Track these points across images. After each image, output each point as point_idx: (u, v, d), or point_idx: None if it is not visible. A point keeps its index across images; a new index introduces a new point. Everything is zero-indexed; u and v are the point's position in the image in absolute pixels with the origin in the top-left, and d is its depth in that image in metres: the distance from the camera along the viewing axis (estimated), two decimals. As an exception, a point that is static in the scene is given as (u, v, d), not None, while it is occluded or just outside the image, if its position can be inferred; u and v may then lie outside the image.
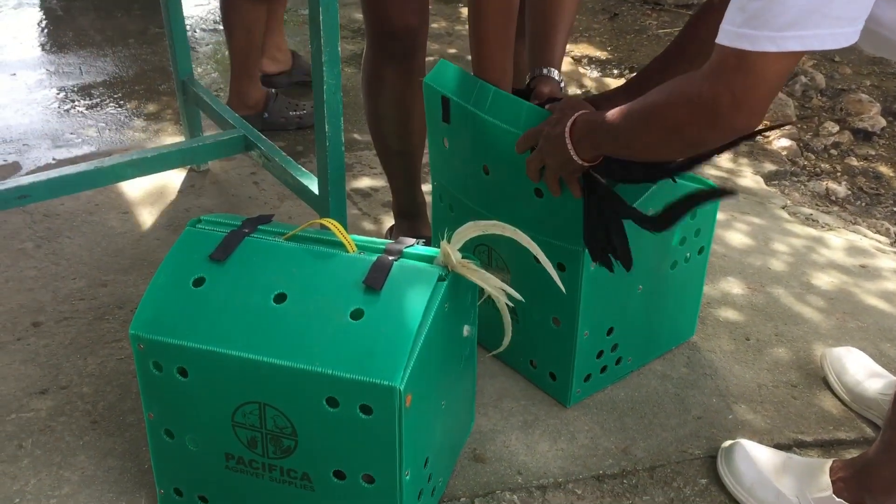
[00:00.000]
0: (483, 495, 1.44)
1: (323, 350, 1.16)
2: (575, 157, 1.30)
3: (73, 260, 2.02)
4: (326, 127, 1.67)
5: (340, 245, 1.29)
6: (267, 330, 1.19)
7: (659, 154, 1.30)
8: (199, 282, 1.24)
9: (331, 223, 1.29)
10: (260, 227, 1.34)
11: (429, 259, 1.28)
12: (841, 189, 2.83)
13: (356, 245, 1.29)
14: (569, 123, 1.30)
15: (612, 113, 1.23)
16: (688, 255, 1.65)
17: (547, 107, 1.42)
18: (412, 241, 1.33)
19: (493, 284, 1.28)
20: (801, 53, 0.95)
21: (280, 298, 1.21)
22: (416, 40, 1.77)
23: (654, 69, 1.53)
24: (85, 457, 1.48)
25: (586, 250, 1.43)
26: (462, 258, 1.26)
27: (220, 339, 1.19)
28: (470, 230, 1.28)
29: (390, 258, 1.25)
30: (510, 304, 1.30)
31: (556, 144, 1.32)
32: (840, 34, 0.93)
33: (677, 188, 1.53)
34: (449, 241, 1.26)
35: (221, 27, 2.79)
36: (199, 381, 1.22)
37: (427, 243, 1.49)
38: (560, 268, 1.48)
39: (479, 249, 1.63)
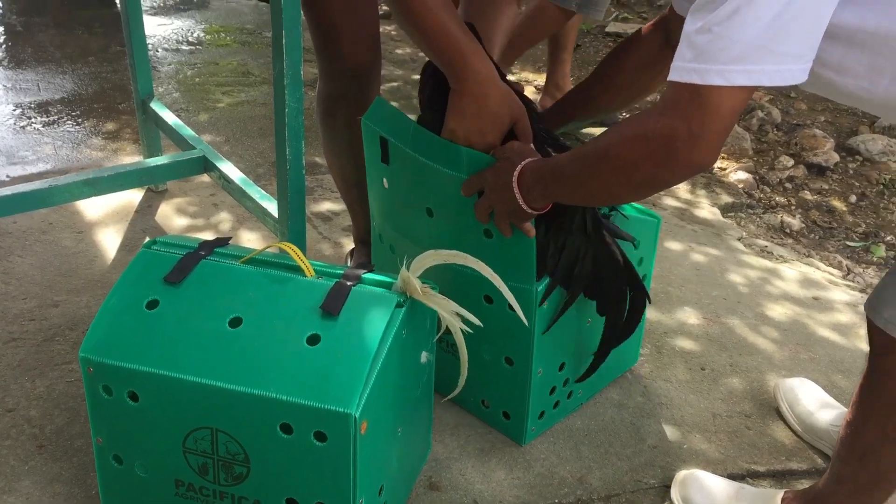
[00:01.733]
0: (438, 524, 1.43)
1: (278, 375, 1.15)
2: (524, 207, 1.28)
3: (24, 280, 1.98)
4: (287, 150, 1.66)
5: (298, 269, 1.28)
6: (221, 354, 1.17)
7: (614, 198, 1.29)
8: (152, 304, 1.22)
9: (289, 247, 1.28)
10: (217, 249, 1.32)
11: (387, 285, 1.27)
12: (795, 222, 2.88)
13: (314, 270, 1.28)
14: (516, 173, 1.27)
15: (562, 158, 1.21)
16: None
17: (492, 152, 1.37)
18: (371, 266, 1.32)
19: (450, 310, 1.28)
20: (752, 88, 0.97)
21: (235, 322, 1.20)
22: (369, 76, 1.76)
23: (569, 103, 1.56)
24: (30, 482, 1.44)
25: (539, 289, 1.43)
26: (422, 284, 1.26)
27: (172, 364, 1.17)
28: (430, 259, 1.27)
29: (348, 283, 1.25)
30: (469, 330, 1.29)
31: (503, 194, 1.30)
32: (787, 71, 0.95)
33: (623, 220, 1.55)
34: (408, 269, 1.25)
35: (184, 46, 2.78)
36: (149, 406, 1.19)
37: None
38: (511, 308, 1.47)
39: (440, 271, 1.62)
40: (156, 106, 2.26)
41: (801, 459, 1.65)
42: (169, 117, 2.23)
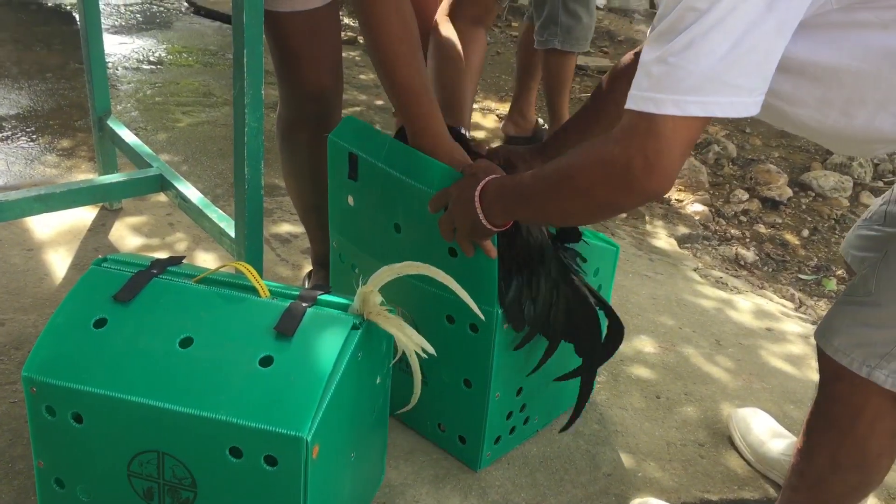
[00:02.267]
0: (390, 552, 1.41)
1: (228, 397, 1.12)
2: (484, 222, 1.28)
3: (-30, 297, 1.93)
4: (246, 170, 1.64)
5: (253, 290, 1.26)
6: (170, 375, 1.15)
7: (572, 219, 1.30)
8: (100, 323, 1.19)
9: (244, 267, 1.26)
10: (169, 268, 1.30)
11: (343, 307, 1.26)
12: (749, 254, 2.93)
13: (269, 290, 1.26)
14: (479, 188, 1.28)
15: (524, 177, 1.22)
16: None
17: (462, 168, 1.39)
18: (328, 288, 1.31)
19: (407, 334, 1.27)
20: (706, 119, 0.98)
21: (186, 343, 1.17)
22: (331, 101, 1.76)
23: (571, 130, 1.56)
24: (-34, 506, 1.39)
25: (499, 311, 1.43)
26: (379, 305, 1.25)
27: (118, 384, 1.14)
28: (385, 274, 1.26)
29: (304, 304, 1.23)
30: (423, 355, 1.28)
31: (465, 208, 1.30)
32: (739, 103, 0.96)
33: (583, 247, 1.56)
34: (365, 287, 1.24)
35: (144, 66, 2.75)
36: (94, 428, 1.16)
37: None
38: (472, 329, 1.47)
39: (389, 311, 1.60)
40: (112, 123, 2.23)
41: (753, 489, 1.66)
42: (126, 135, 2.20)
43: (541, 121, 3.36)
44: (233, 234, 1.78)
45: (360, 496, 1.43)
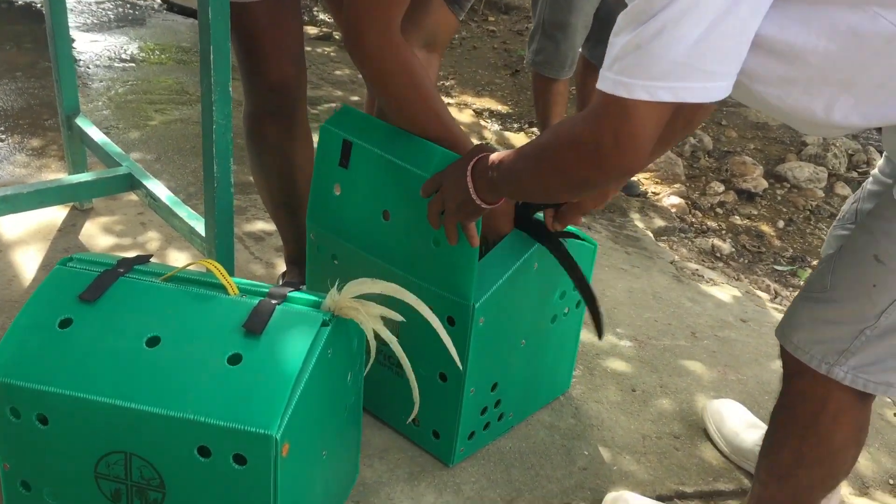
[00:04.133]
0: (364, 550, 1.40)
1: (196, 396, 1.11)
2: (474, 196, 1.29)
3: (-64, 299, 1.90)
4: (215, 167, 1.63)
5: (221, 288, 1.24)
6: (136, 375, 1.13)
7: (550, 195, 1.31)
8: (65, 323, 1.18)
9: (211, 264, 1.25)
10: (136, 267, 1.28)
11: (314, 304, 1.24)
12: (726, 246, 2.94)
13: (238, 288, 1.25)
14: (471, 163, 1.30)
15: (509, 154, 1.25)
16: (566, 309, 1.67)
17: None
18: (299, 285, 1.29)
19: (374, 314, 1.25)
20: (677, 103, 0.98)
21: (153, 342, 1.16)
22: (295, 91, 1.74)
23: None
24: (-68, 512, 1.36)
25: (476, 305, 1.42)
26: (351, 299, 1.24)
27: (84, 385, 1.12)
28: (365, 286, 1.25)
29: (273, 302, 1.22)
30: (385, 351, 1.27)
31: (456, 183, 1.32)
32: (713, 87, 0.96)
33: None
34: (339, 292, 1.23)
35: (116, 63, 2.72)
36: (60, 429, 1.14)
37: None
38: (449, 321, 1.46)
39: (371, 297, 1.60)
40: (81, 122, 2.20)
41: (728, 480, 1.66)
42: (95, 134, 2.17)
43: None
44: (203, 233, 1.76)
45: (334, 495, 1.42)
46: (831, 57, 1.00)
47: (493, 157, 1.29)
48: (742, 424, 1.71)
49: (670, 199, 3.17)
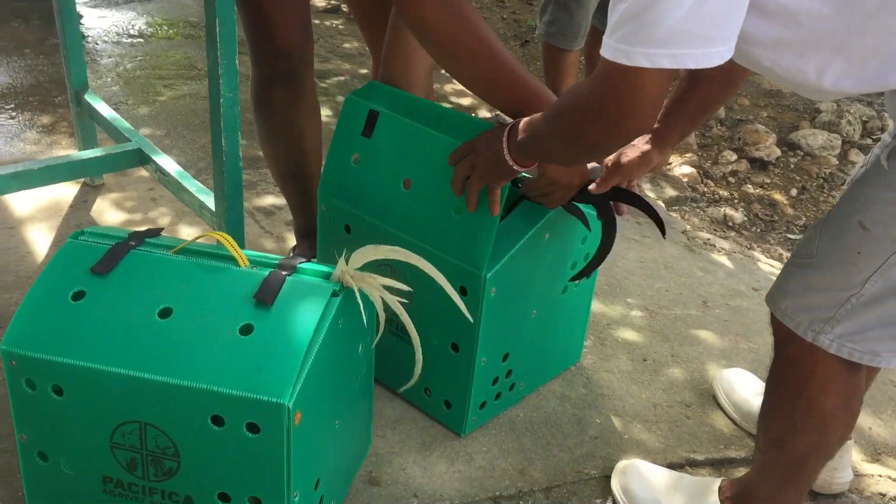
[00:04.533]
0: (377, 518, 1.41)
1: (209, 366, 1.12)
2: (507, 157, 1.31)
3: (-49, 275, 1.91)
4: (223, 141, 1.63)
5: (232, 259, 1.25)
6: (150, 346, 1.14)
7: (568, 158, 1.33)
8: (78, 295, 1.18)
9: (222, 236, 1.25)
10: (147, 240, 1.28)
11: (324, 275, 1.25)
12: (738, 215, 2.92)
13: (249, 259, 1.25)
14: (509, 126, 1.32)
15: (536, 117, 1.27)
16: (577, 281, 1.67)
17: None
18: (307, 257, 1.30)
19: (381, 285, 1.25)
20: (677, 70, 0.98)
21: (165, 313, 1.16)
22: (301, 58, 1.73)
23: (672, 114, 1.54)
24: (-48, 484, 1.39)
25: (488, 275, 1.42)
26: (359, 271, 1.24)
27: (98, 356, 1.13)
28: (370, 252, 1.25)
29: (283, 273, 1.22)
30: (397, 322, 1.28)
31: (492, 146, 1.33)
32: (713, 53, 0.96)
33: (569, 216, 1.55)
34: (347, 262, 1.23)
35: (125, 39, 2.71)
36: (75, 400, 1.15)
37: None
38: (462, 291, 1.46)
39: (381, 269, 1.60)
40: (90, 98, 2.20)
41: (738, 448, 1.66)
42: (104, 109, 2.17)
43: None
44: (213, 207, 1.77)
45: (347, 465, 1.43)
46: (825, 19, 0.99)
47: (525, 119, 1.31)
48: (752, 392, 1.72)
49: (682, 168, 3.16)
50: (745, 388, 1.73)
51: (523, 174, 1.43)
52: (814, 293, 1.17)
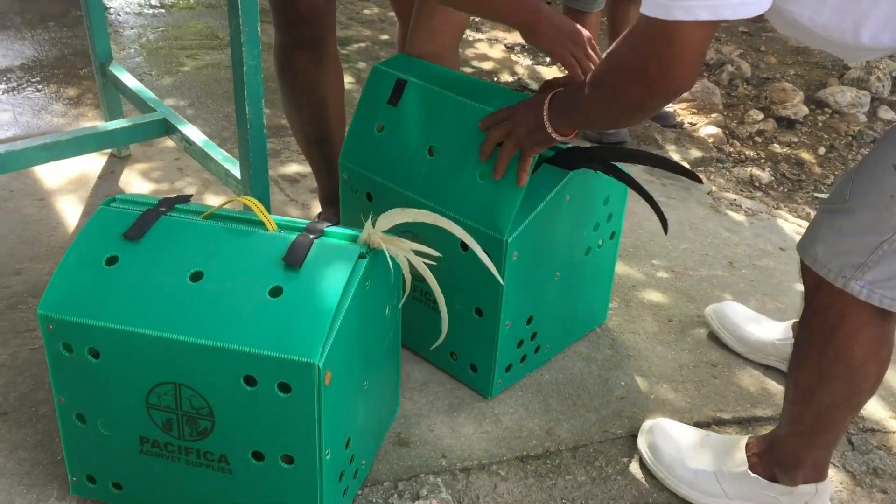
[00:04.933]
0: (407, 479, 1.43)
1: (240, 328, 1.14)
2: (547, 124, 1.33)
3: (-15, 247, 1.95)
4: (247, 109, 1.64)
5: (260, 223, 1.26)
6: (182, 308, 1.16)
7: (611, 121, 1.38)
8: (111, 260, 1.21)
9: (250, 201, 1.27)
10: (177, 206, 1.30)
11: (350, 238, 1.26)
12: (764, 175, 2.89)
13: (276, 224, 1.27)
14: (550, 94, 1.35)
15: (578, 85, 1.30)
16: (601, 241, 1.67)
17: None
18: (335, 221, 1.31)
19: (409, 249, 1.27)
20: (717, 22, 0.98)
21: (196, 277, 1.19)
22: (324, 22, 1.74)
23: None
24: (-6, 447, 1.43)
25: (509, 240, 1.43)
26: (385, 234, 1.25)
27: (133, 319, 1.16)
28: (397, 216, 1.26)
29: (311, 236, 1.23)
30: (421, 288, 1.29)
31: (532, 114, 1.36)
32: (751, 4, 0.96)
33: (593, 175, 1.55)
34: (374, 225, 1.24)
35: (147, 10, 2.72)
36: (111, 362, 1.18)
37: None
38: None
39: (404, 236, 1.61)
40: (115, 69, 2.22)
41: (765, 406, 1.67)
42: (129, 80, 2.19)
43: None
44: (238, 175, 1.78)
45: (376, 426, 1.45)
46: None
47: (567, 88, 1.34)
48: (742, 318, 1.77)
49: (707, 129, 3.12)
50: (736, 315, 1.79)
51: (559, 145, 1.45)
52: (845, 239, 1.17)
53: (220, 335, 1.13)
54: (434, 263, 1.29)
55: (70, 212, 2.11)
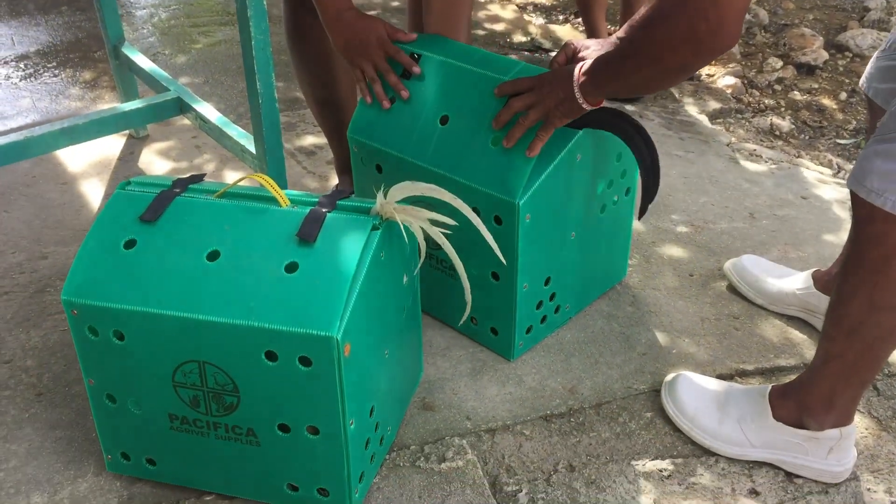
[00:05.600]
0: (433, 442, 1.46)
1: (258, 304, 1.16)
2: (578, 94, 1.35)
3: (12, 234, 1.99)
4: (258, 83, 1.65)
5: (273, 200, 1.28)
6: (201, 288, 1.18)
7: (652, 85, 1.40)
8: (130, 244, 1.23)
9: (262, 178, 1.28)
10: (191, 186, 1.32)
11: (363, 210, 1.27)
12: (785, 123, 2.86)
13: (289, 199, 1.28)
14: (580, 65, 1.36)
15: (611, 55, 1.33)
16: (616, 197, 1.67)
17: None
18: (347, 192, 1.32)
19: (425, 217, 1.27)
20: None
21: (213, 256, 1.20)
22: None
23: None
24: (31, 429, 1.47)
25: (520, 203, 1.43)
26: (398, 203, 1.26)
27: (154, 300, 1.18)
28: (408, 188, 1.27)
29: (323, 210, 1.25)
30: (437, 255, 1.30)
31: (560, 82, 1.38)
32: None
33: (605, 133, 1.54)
34: (385, 196, 1.25)
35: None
36: (136, 344, 1.21)
37: None
38: (496, 221, 1.48)
39: (419, 205, 1.62)
40: (128, 50, 2.23)
41: (789, 356, 1.67)
42: (142, 61, 2.20)
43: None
44: (253, 150, 1.80)
45: (400, 392, 1.47)
46: None
47: (597, 58, 1.35)
48: (760, 270, 1.79)
49: (725, 79, 3.08)
50: (755, 267, 1.80)
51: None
52: None
53: (238, 313, 1.15)
54: (450, 232, 1.30)
55: (92, 194, 2.15)
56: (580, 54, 1.53)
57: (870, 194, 1.20)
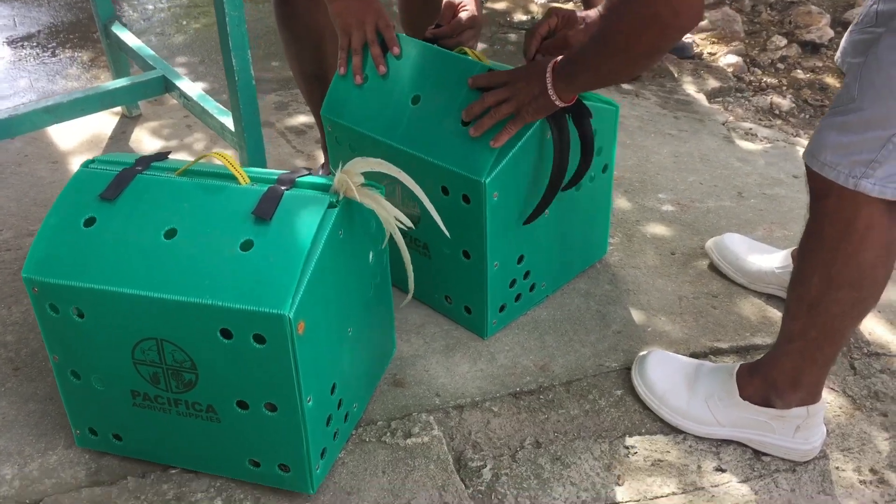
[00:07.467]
0: (400, 417, 1.46)
1: (213, 282, 1.16)
2: (550, 91, 1.35)
3: (0, 212, 2.01)
4: (233, 61, 1.65)
5: (233, 178, 1.28)
6: (158, 266, 1.19)
7: (621, 75, 1.42)
8: (89, 222, 1.24)
9: (220, 155, 1.28)
10: (153, 164, 1.33)
11: (322, 187, 1.27)
12: (785, 102, 2.82)
13: (249, 176, 1.29)
14: (553, 62, 1.36)
15: (582, 48, 1.33)
16: (592, 174, 1.65)
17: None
18: (306, 170, 1.32)
19: (384, 206, 1.28)
20: None
21: (170, 234, 1.21)
22: None
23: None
24: (6, 402, 1.49)
25: (487, 181, 1.43)
26: (361, 185, 1.26)
27: (112, 278, 1.19)
28: (359, 164, 1.27)
29: (282, 188, 1.25)
30: (403, 226, 1.29)
31: (533, 78, 1.37)
32: None
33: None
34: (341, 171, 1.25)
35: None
36: (95, 321, 1.22)
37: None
38: (465, 199, 1.48)
39: (390, 186, 1.62)
40: (117, 29, 2.24)
41: (765, 334, 1.66)
42: (130, 39, 2.21)
43: None
44: (232, 128, 1.80)
45: (369, 369, 1.48)
46: None
47: (568, 54, 1.36)
48: (744, 248, 1.77)
49: (727, 58, 3.04)
50: (735, 246, 1.79)
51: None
52: (853, 137, 1.16)
53: (194, 291, 1.16)
54: (412, 227, 1.30)
55: (82, 174, 2.16)
56: (559, 31, 1.52)
57: (823, 168, 1.19)
